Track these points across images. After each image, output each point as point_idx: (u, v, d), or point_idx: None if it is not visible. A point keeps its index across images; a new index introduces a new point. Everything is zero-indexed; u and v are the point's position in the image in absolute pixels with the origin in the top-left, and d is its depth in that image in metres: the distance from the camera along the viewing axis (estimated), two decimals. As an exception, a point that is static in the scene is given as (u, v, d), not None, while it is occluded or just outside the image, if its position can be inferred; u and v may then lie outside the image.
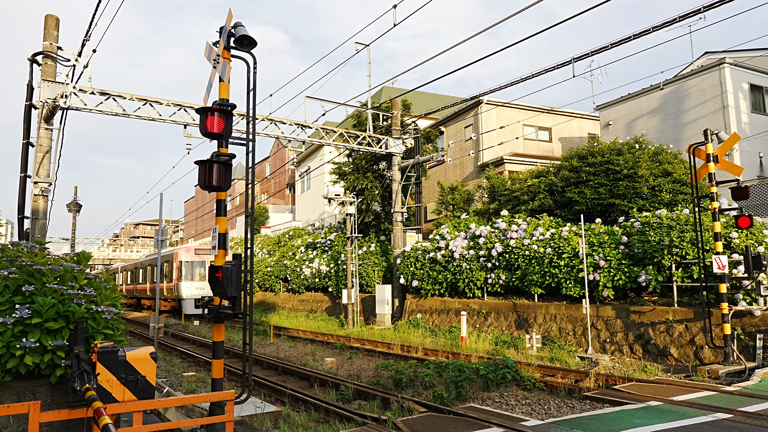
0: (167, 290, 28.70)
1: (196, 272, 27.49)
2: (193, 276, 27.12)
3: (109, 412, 3.84)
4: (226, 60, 6.11)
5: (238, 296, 5.58)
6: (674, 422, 6.28)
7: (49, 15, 13.64)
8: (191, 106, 15.58)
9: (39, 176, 13.05)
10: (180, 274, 27.04)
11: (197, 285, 27.03)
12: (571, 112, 28.49)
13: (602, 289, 13.24)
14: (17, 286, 4.75)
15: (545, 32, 11.24)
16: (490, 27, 12.08)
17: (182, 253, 27.57)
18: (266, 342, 16.31)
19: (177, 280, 26.95)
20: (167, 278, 28.46)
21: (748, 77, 21.76)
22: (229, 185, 5.87)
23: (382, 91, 35.40)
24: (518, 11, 11.23)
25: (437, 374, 9.18)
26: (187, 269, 27.23)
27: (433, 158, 20.13)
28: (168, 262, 28.75)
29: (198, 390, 9.79)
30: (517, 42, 12.34)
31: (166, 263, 29.19)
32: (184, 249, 27.95)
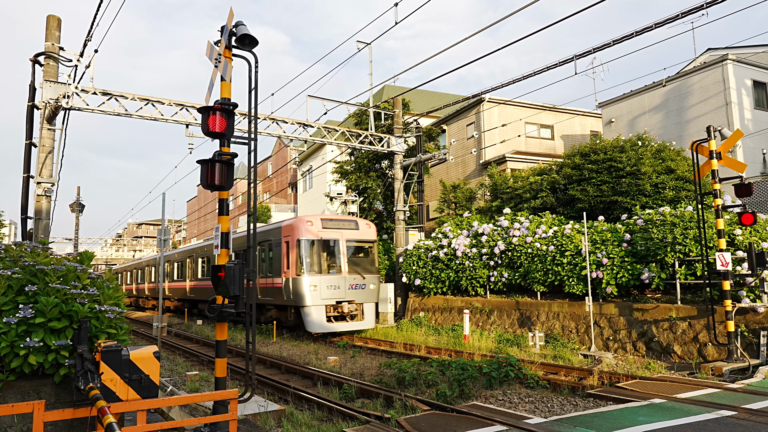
0: (264, 290, 17.72)
1: (326, 258, 16.49)
2: (320, 265, 16.11)
3: (113, 411, 3.84)
4: (228, 59, 6.11)
5: (242, 295, 5.58)
6: (678, 420, 6.27)
7: (51, 15, 13.66)
8: (193, 106, 15.59)
9: (42, 177, 13.08)
10: (299, 261, 15.89)
11: (331, 281, 15.97)
12: (573, 109, 28.43)
13: (605, 287, 13.21)
14: (20, 285, 4.76)
15: (544, 31, 11.29)
16: (490, 26, 12.07)
17: (300, 226, 16.26)
18: (269, 341, 16.34)
19: (293, 272, 16.05)
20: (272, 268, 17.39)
21: (751, 73, 21.68)
22: (232, 184, 5.87)
23: (384, 89, 35.37)
24: (517, 10, 11.21)
25: (440, 372, 9.18)
26: (311, 253, 16.06)
27: (435, 156, 20.11)
28: (266, 242, 17.97)
29: (201, 389, 9.81)
30: (517, 40, 12.33)
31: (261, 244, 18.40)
32: (303, 220, 16.53)
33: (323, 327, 15.59)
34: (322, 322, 15.62)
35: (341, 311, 16.06)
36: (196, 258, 25.64)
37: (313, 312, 15.56)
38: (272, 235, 17.66)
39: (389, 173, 23.47)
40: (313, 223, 16.38)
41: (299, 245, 15.94)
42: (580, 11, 11.12)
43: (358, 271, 16.63)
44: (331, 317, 15.85)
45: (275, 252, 17.22)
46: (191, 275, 26.24)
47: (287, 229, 16.72)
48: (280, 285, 16.48)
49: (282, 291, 16.40)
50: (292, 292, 15.88)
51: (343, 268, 16.40)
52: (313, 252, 16.13)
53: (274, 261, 17.28)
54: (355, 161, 25.12)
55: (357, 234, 17.08)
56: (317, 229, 16.29)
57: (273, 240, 17.48)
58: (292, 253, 16.09)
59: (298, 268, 15.82)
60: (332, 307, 15.91)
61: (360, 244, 17.11)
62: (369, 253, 17.33)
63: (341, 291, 16.16)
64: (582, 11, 11.12)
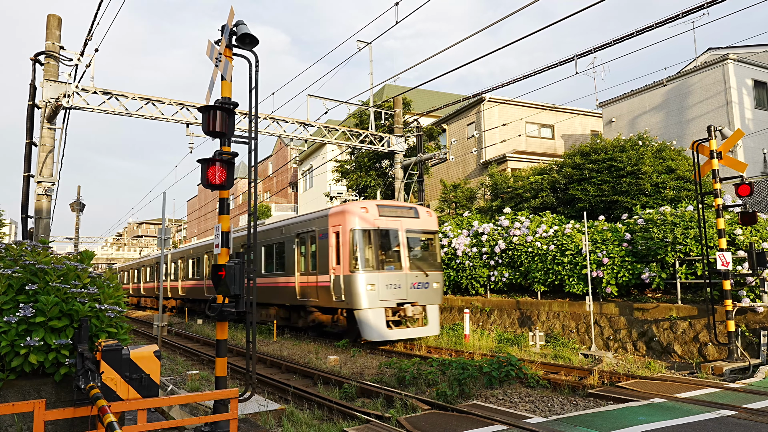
0: (304, 289, 15.30)
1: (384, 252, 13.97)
2: (378, 260, 13.60)
3: (114, 410, 3.84)
4: (228, 58, 6.11)
5: (242, 294, 5.59)
6: (678, 419, 6.27)
7: (52, 15, 13.66)
8: (193, 105, 15.59)
9: (42, 176, 13.09)
10: (352, 255, 13.36)
11: (390, 279, 13.58)
12: (573, 109, 28.43)
13: (605, 287, 13.22)
14: (21, 284, 4.77)
15: (544, 30, 11.29)
16: (490, 26, 12.05)
17: (354, 214, 13.69)
18: (269, 340, 16.34)
19: (345, 268, 13.46)
20: (316, 264, 14.80)
21: (752, 73, 21.67)
22: (232, 184, 5.87)
23: (384, 89, 35.37)
24: (517, 10, 11.22)
25: (440, 372, 9.18)
26: (366, 245, 13.61)
27: (436, 156, 20.11)
28: (307, 234, 15.43)
29: (202, 388, 9.81)
30: (517, 40, 12.31)
31: (299, 236, 15.76)
32: (356, 207, 13.98)
33: (382, 334, 13.02)
34: (381, 328, 13.01)
35: (404, 315, 13.69)
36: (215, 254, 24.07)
37: (371, 316, 13.05)
38: (315, 225, 15.05)
39: (390, 173, 23.47)
40: (368, 210, 13.79)
41: (353, 236, 13.42)
42: (580, 11, 11.12)
43: (421, 267, 14.19)
44: (391, 322, 13.50)
45: (320, 245, 14.61)
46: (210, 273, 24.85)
47: (337, 217, 14.08)
48: (327, 284, 14.06)
49: (329, 291, 13.97)
50: (343, 292, 13.42)
51: (403, 263, 13.92)
52: (369, 244, 13.64)
53: (318, 255, 14.67)
54: (355, 161, 25.13)
55: (418, 223, 14.59)
56: (373, 217, 13.77)
57: (317, 231, 14.91)
58: (344, 246, 13.53)
59: (352, 263, 13.27)
60: (392, 310, 13.58)
61: (421, 235, 14.72)
62: (431, 245, 15.00)
63: (402, 291, 13.66)
64: (582, 11, 11.12)
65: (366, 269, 13.34)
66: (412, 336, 13.70)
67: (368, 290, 13.14)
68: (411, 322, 13.78)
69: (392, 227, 14.12)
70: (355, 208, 13.77)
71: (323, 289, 14.32)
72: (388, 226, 14.06)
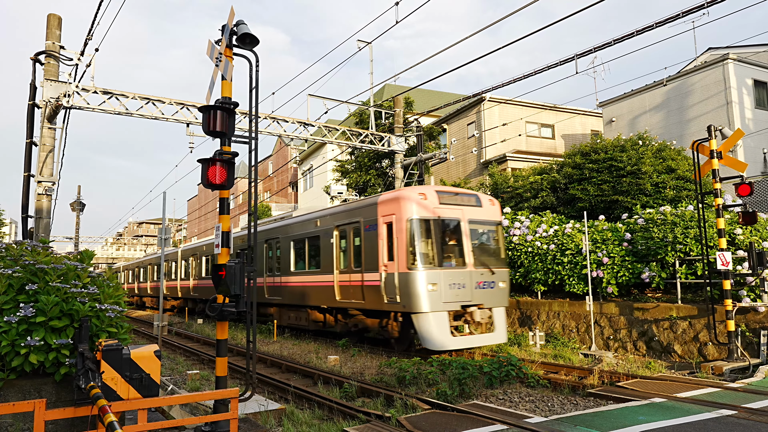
0: (346, 289, 13.52)
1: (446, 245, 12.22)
2: (440, 255, 11.89)
3: (114, 409, 3.85)
4: (229, 58, 6.11)
5: (242, 294, 5.59)
6: (678, 419, 6.27)
7: (52, 14, 13.66)
8: (194, 105, 15.59)
9: (42, 175, 13.09)
10: (410, 249, 11.64)
11: (454, 277, 11.85)
12: (573, 109, 28.43)
13: (606, 286, 13.22)
14: (21, 284, 4.77)
15: (544, 30, 11.30)
16: (490, 25, 12.04)
17: (411, 201, 11.89)
18: (269, 340, 16.34)
19: (400, 264, 11.72)
20: (361, 260, 12.99)
21: (752, 73, 21.67)
22: (232, 183, 5.87)
23: (384, 89, 35.38)
24: (517, 9, 11.21)
25: (440, 372, 9.18)
26: (427, 238, 11.92)
27: (436, 156, 20.11)
28: (348, 226, 13.67)
29: (202, 388, 9.82)
30: (517, 40, 12.30)
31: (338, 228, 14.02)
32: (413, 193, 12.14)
33: (444, 342, 11.21)
34: (444, 335, 11.23)
35: (470, 319, 11.87)
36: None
37: (432, 321, 11.20)
38: (360, 216, 13.14)
39: (390, 172, 23.45)
40: (426, 197, 11.98)
41: (410, 227, 11.58)
42: (580, 11, 11.12)
43: (486, 263, 12.41)
44: (454, 328, 11.69)
45: (366, 238, 12.78)
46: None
47: (389, 205, 12.21)
48: (376, 283, 12.19)
49: (379, 291, 12.11)
50: (398, 293, 11.59)
51: (467, 259, 12.10)
52: (428, 237, 11.80)
53: (364, 250, 12.78)
54: (355, 160, 25.13)
55: (481, 212, 12.77)
56: (433, 205, 11.99)
57: (362, 222, 12.99)
58: (399, 239, 11.72)
59: (409, 259, 11.46)
60: (454, 313, 11.75)
61: (485, 226, 12.83)
62: (495, 238, 13.05)
63: (467, 291, 11.84)
64: (582, 11, 11.11)
65: (426, 266, 11.50)
66: (478, 344, 11.92)
67: (429, 290, 11.32)
68: (474, 327, 11.99)
69: (454, 217, 12.22)
70: (413, 195, 11.97)
71: (371, 289, 12.46)
72: (450, 216, 12.17)
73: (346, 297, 13.58)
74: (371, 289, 12.51)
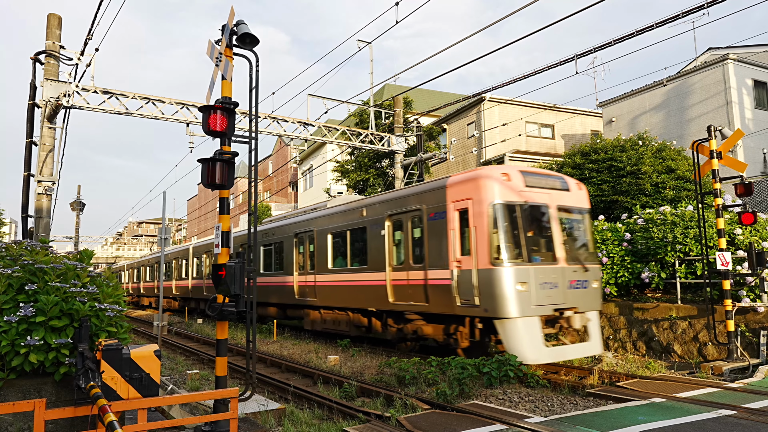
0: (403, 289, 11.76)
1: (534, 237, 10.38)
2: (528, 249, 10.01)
3: (114, 409, 3.85)
4: (229, 58, 6.12)
5: (242, 294, 5.59)
6: (678, 419, 6.27)
7: (52, 14, 13.66)
8: (194, 105, 15.59)
9: (42, 175, 13.09)
10: (493, 241, 9.74)
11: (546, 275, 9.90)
12: (573, 109, 28.44)
13: (605, 286, 13.22)
14: (21, 284, 4.77)
15: (543, 31, 11.34)
16: (489, 26, 12.06)
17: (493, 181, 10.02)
18: (269, 340, 16.34)
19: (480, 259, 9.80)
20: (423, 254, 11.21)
21: (752, 73, 21.68)
22: (232, 183, 5.88)
23: (384, 88, 35.39)
24: (517, 10, 11.21)
25: (440, 372, 9.18)
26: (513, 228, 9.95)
27: (436, 156, 20.12)
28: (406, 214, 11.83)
29: (202, 387, 9.82)
30: (517, 40, 12.32)
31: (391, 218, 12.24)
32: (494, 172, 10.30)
33: (537, 354, 9.25)
34: (537, 345, 9.30)
35: (567, 326, 10.04)
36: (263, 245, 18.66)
37: (522, 328, 9.24)
38: (422, 202, 11.24)
39: (390, 172, 23.46)
40: (510, 178, 10.05)
41: (494, 214, 9.64)
42: (580, 11, 11.13)
43: (578, 258, 10.49)
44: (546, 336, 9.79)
45: (430, 229, 10.89)
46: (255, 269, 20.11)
47: (464, 187, 10.26)
48: (445, 282, 10.33)
49: (449, 292, 10.22)
50: (477, 294, 9.63)
51: (558, 253, 10.11)
52: (516, 226, 9.83)
53: (428, 243, 10.92)
54: (355, 160, 25.13)
55: (569, 198, 10.83)
56: (518, 187, 10.05)
57: (424, 209, 11.12)
58: (479, 228, 9.74)
59: (493, 252, 9.52)
60: (546, 319, 9.79)
61: (575, 214, 10.89)
62: (584, 229, 11.09)
63: (559, 292, 9.86)
64: (581, 11, 11.12)
65: (514, 261, 9.55)
66: (573, 355, 10.05)
67: (519, 291, 9.31)
68: (567, 335, 10.21)
69: (542, 202, 10.30)
70: (495, 174, 10.04)
71: (438, 289, 10.57)
72: (538, 201, 10.26)
73: (402, 298, 11.72)
74: (438, 290, 10.63)
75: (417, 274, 11.29)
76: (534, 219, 10.34)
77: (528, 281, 9.51)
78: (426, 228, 11.12)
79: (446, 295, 10.40)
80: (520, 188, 10.14)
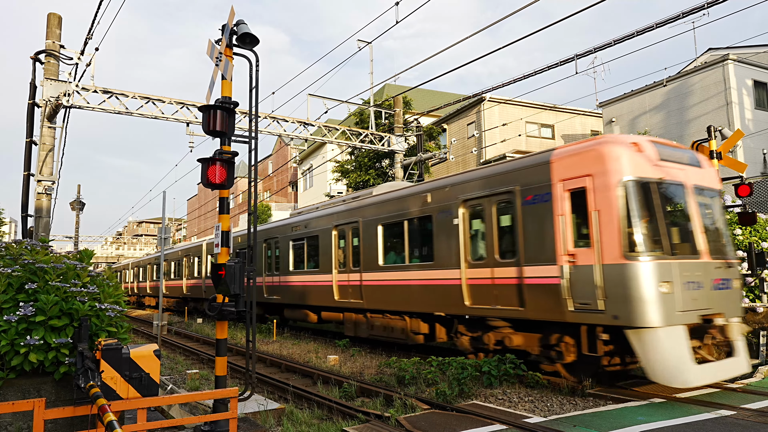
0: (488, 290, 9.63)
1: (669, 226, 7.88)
2: (668, 240, 7.73)
3: (114, 409, 3.85)
4: (229, 58, 6.12)
5: (242, 294, 5.59)
6: (677, 419, 6.28)
7: (52, 13, 13.66)
8: (194, 104, 15.59)
9: (42, 175, 13.09)
10: (625, 228, 7.55)
11: (689, 272, 7.64)
12: (573, 109, 28.46)
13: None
14: (21, 283, 4.77)
15: (543, 31, 11.28)
16: (489, 26, 12.06)
17: (622, 153, 7.76)
18: (269, 340, 16.34)
19: (610, 251, 7.58)
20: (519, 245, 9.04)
21: (752, 73, 21.69)
22: (232, 183, 5.88)
23: (384, 88, 35.40)
24: (516, 10, 11.23)
25: (440, 371, 9.18)
26: (648, 211, 7.72)
27: (436, 156, 20.13)
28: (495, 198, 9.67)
29: (201, 387, 9.82)
30: (516, 40, 12.33)
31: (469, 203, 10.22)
32: (621, 142, 7.89)
33: (688, 374, 7.13)
34: (685, 362, 7.21)
35: (718, 338, 7.96)
36: (281, 241, 16.74)
37: (666, 341, 7.25)
38: (515, 181, 9.21)
39: (389, 172, 23.47)
40: (641, 149, 7.99)
41: (626, 194, 7.69)
42: (579, 12, 11.13)
43: (721, 251, 8.46)
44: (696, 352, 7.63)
45: (527, 214, 8.93)
46: (283, 266, 16.88)
47: (579, 160, 8.27)
48: (551, 281, 8.44)
49: (557, 293, 8.30)
50: (603, 296, 7.68)
51: (699, 245, 8.08)
52: (653, 210, 7.84)
53: (524, 232, 8.97)
54: (355, 160, 25.14)
55: (704, 177, 8.72)
56: (652, 161, 8.02)
57: (518, 191, 9.10)
58: (605, 212, 7.80)
59: (625, 243, 7.56)
60: (691, 328, 7.62)
61: (710, 198, 8.76)
62: (718, 214, 8.97)
63: (704, 294, 7.84)
64: (581, 11, 11.13)
65: (653, 254, 7.55)
66: (724, 376, 7.76)
67: (662, 293, 7.35)
68: (707, 349, 7.88)
69: (679, 180, 8.23)
70: (623, 143, 7.99)
71: (539, 290, 8.65)
72: (674, 179, 8.17)
73: (485, 301, 9.64)
74: (539, 291, 8.67)
75: (506, 272, 9.28)
76: (671, 201, 8.32)
77: (671, 280, 7.50)
78: (520, 214, 9.07)
79: (552, 298, 8.42)
80: (654, 162, 8.05)
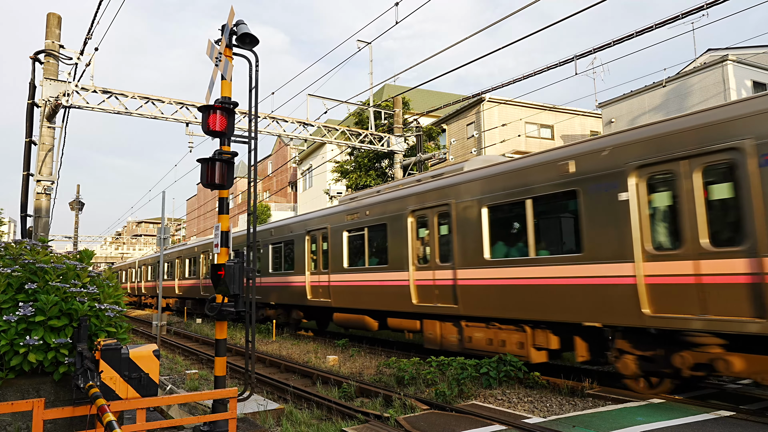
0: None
1: None
2: None
3: (113, 409, 3.85)
4: (228, 58, 6.12)
5: (241, 294, 5.59)
6: (677, 420, 6.28)
7: (52, 13, 13.65)
8: (193, 104, 15.59)
9: (42, 174, 13.08)
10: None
11: None
12: (573, 109, 28.46)
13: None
14: (20, 283, 4.77)
15: (542, 32, 11.36)
16: (489, 26, 12.06)
17: None
18: (268, 340, 16.34)
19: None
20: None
21: (751, 74, 21.70)
22: (232, 183, 5.88)
23: (384, 89, 35.39)
24: (515, 11, 11.23)
25: (439, 372, 9.18)
26: None
27: (435, 156, 20.13)
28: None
29: (201, 387, 9.82)
30: (516, 41, 12.33)
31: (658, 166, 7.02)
32: None
33: None
34: None
35: None
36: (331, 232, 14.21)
37: None
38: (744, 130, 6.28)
39: (389, 173, 23.48)
40: None
41: None
42: (578, 12, 11.13)
43: None
44: None
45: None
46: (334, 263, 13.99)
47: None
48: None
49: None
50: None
51: None
52: None
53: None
54: (355, 160, 25.14)
55: None
56: None
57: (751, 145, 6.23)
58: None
59: None
60: None
61: None
62: None
63: None
64: (581, 12, 11.13)
65: None
66: None
67: None
68: None
69: None
70: None
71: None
72: None
73: (677, 308, 6.76)
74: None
75: (725, 265, 6.41)
76: None
77: None
78: (750, 181, 6.25)
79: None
80: None
